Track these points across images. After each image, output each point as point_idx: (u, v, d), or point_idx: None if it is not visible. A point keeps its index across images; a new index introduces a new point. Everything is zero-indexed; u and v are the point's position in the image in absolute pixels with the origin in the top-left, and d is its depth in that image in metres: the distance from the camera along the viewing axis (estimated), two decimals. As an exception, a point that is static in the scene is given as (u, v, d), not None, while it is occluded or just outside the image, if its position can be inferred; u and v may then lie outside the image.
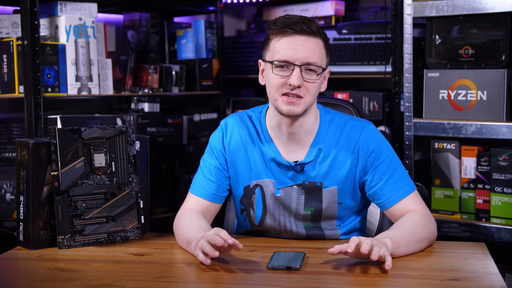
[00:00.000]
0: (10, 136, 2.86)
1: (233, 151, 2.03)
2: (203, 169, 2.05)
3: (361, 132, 1.96)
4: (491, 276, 1.64)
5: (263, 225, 2.04)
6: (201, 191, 2.02)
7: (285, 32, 1.87)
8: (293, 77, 1.85)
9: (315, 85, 1.89)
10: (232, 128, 2.04)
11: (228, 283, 1.65)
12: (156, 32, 3.30)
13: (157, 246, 1.97)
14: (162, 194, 3.22)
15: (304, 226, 2.01)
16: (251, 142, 2.02)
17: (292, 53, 1.86)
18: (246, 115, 2.06)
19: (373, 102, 3.06)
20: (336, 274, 1.69)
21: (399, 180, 1.94)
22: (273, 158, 1.98)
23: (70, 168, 1.93)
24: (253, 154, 2.01)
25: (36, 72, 2.63)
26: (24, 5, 2.60)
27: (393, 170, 1.95)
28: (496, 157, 2.64)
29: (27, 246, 1.95)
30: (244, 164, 2.02)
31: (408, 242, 1.80)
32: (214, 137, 2.07)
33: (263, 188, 2.00)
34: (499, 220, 2.65)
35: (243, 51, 3.59)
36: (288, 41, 1.87)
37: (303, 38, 1.86)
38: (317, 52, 1.87)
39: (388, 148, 1.98)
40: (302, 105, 1.88)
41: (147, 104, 3.04)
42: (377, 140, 1.97)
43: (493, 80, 2.64)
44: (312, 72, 1.87)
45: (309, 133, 1.96)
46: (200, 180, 2.04)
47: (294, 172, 1.97)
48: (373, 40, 3.14)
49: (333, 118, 2.00)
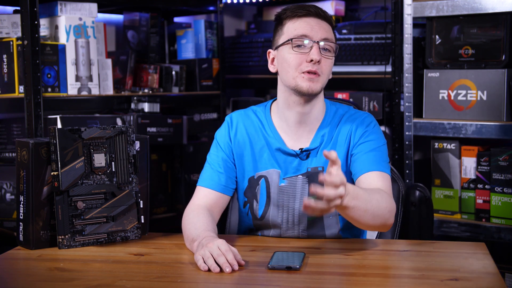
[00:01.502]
0: (10, 136, 2.86)
1: (239, 144, 2.06)
2: (210, 162, 2.07)
3: (359, 118, 2.03)
4: (491, 276, 1.64)
5: (265, 218, 2.04)
6: (210, 182, 2.04)
7: (300, 14, 1.97)
8: (314, 52, 1.93)
9: (330, 63, 1.97)
10: (238, 121, 2.08)
11: (228, 283, 1.65)
12: (156, 32, 3.30)
13: (157, 246, 1.97)
14: (162, 194, 3.22)
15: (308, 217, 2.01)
16: (256, 134, 2.05)
17: (309, 30, 1.95)
18: (251, 109, 2.11)
19: (373, 102, 3.06)
20: (336, 274, 1.69)
21: (375, 157, 1.96)
22: (278, 148, 2.02)
23: (70, 168, 1.93)
24: (258, 145, 2.04)
25: (36, 72, 2.63)
26: (24, 5, 2.60)
27: (374, 149, 1.98)
28: (496, 157, 2.64)
29: (27, 246, 1.95)
30: (249, 156, 2.05)
31: (367, 210, 1.78)
32: (220, 132, 2.10)
33: (267, 178, 2.02)
34: (499, 220, 2.65)
35: (243, 51, 3.59)
36: (304, 21, 1.96)
37: (317, 20, 1.97)
38: (330, 32, 1.98)
39: (379, 134, 2.02)
40: (320, 82, 1.95)
41: (147, 104, 3.04)
42: (371, 126, 2.02)
43: (493, 80, 2.65)
44: (327, 51, 1.96)
45: (316, 119, 2.02)
46: (209, 172, 2.06)
47: (300, 160, 2.00)
48: (373, 40, 3.14)
49: (337, 109, 2.06)
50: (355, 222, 1.83)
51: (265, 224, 2.06)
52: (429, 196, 2.17)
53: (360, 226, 1.85)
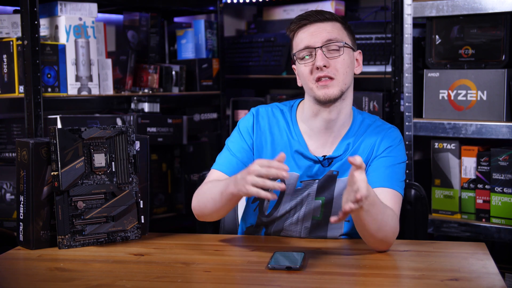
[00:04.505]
0: (10, 136, 2.86)
1: (260, 138, 2.05)
2: (229, 147, 2.06)
3: (385, 131, 2.01)
4: (491, 276, 1.64)
5: (273, 215, 2.04)
6: (225, 167, 2.02)
7: (301, 25, 1.97)
8: (317, 58, 1.92)
9: (342, 61, 1.94)
10: (263, 116, 2.07)
11: (228, 283, 1.65)
12: (156, 32, 3.30)
13: (157, 246, 1.97)
14: (162, 194, 3.22)
15: (313, 217, 2.01)
16: (279, 134, 2.04)
17: (309, 38, 1.95)
18: (278, 108, 2.09)
19: (373, 102, 3.06)
20: (336, 274, 1.69)
21: (392, 174, 1.94)
22: (300, 152, 2.01)
23: (70, 168, 1.93)
24: (279, 146, 2.03)
25: (36, 72, 2.63)
26: (24, 5, 2.60)
27: (393, 165, 1.96)
28: (496, 157, 2.64)
29: (27, 246, 1.95)
30: (268, 154, 2.03)
31: (377, 220, 1.78)
32: (243, 121, 2.09)
33: (284, 181, 2.00)
34: (499, 220, 2.65)
35: (243, 51, 3.59)
36: (305, 31, 1.96)
37: (317, 25, 1.96)
38: (335, 31, 1.96)
39: (401, 151, 2.00)
40: (336, 86, 1.94)
41: (147, 104, 3.04)
42: (397, 141, 2.00)
43: (493, 80, 2.64)
44: (334, 51, 1.94)
45: (342, 126, 2.00)
46: (226, 157, 2.04)
47: (321, 166, 1.99)
48: (373, 40, 3.14)
49: (364, 118, 2.05)
50: (360, 227, 1.82)
51: (270, 221, 2.06)
52: (425, 194, 2.17)
53: (363, 233, 1.83)
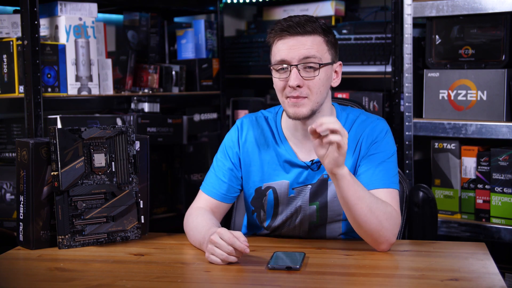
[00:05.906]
0: (10, 136, 2.86)
1: (247, 152, 2.03)
2: (215, 168, 2.05)
3: (368, 125, 1.96)
4: (491, 276, 1.64)
5: (271, 227, 2.05)
6: (212, 190, 2.03)
7: (281, 35, 1.89)
8: (291, 77, 1.85)
9: (317, 82, 1.87)
10: (248, 128, 2.05)
11: (228, 283, 1.65)
12: (156, 32, 3.30)
13: (157, 246, 1.97)
14: (162, 194, 3.22)
15: (310, 222, 2.00)
16: (265, 144, 2.02)
17: (287, 52, 1.87)
18: (263, 116, 2.06)
19: (373, 102, 3.06)
20: (336, 274, 1.69)
21: (382, 172, 1.91)
22: (289, 160, 1.98)
23: (70, 168, 1.93)
24: (267, 156, 2.01)
25: (36, 72, 2.63)
26: (24, 5, 2.60)
27: (382, 162, 1.92)
28: (496, 157, 2.64)
29: (27, 246, 1.95)
30: (257, 165, 2.02)
31: (359, 197, 1.77)
32: (229, 136, 2.07)
33: (276, 190, 2.00)
34: (499, 220, 2.65)
35: (243, 51, 3.59)
36: (284, 43, 1.88)
37: (298, 38, 1.87)
38: (314, 48, 1.87)
39: (389, 144, 1.96)
40: (307, 105, 1.88)
41: (147, 104, 3.04)
42: (382, 134, 1.96)
43: (493, 80, 2.64)
44: (310, 69, 1.87)
45: None
46: (212, 179, 2.04)
47: (311, 171, 1.97)
48: (373, 40, 3.14)
49: (348, 115, 2.00)
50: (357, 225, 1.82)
51: (270, 231, 2.08)
52: (433, 197, 2.16)
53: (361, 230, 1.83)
